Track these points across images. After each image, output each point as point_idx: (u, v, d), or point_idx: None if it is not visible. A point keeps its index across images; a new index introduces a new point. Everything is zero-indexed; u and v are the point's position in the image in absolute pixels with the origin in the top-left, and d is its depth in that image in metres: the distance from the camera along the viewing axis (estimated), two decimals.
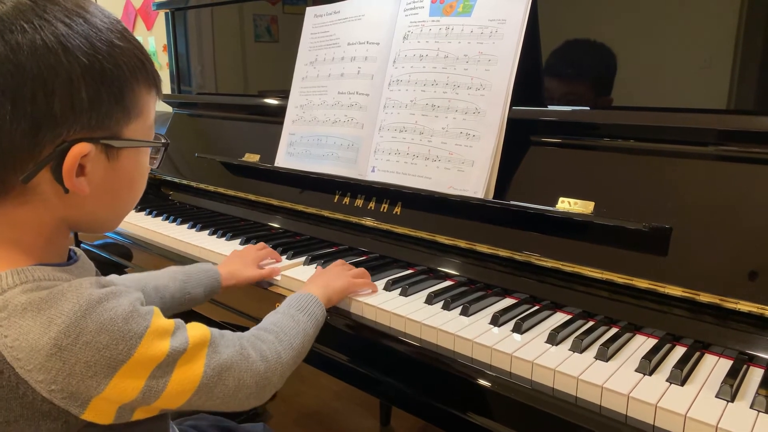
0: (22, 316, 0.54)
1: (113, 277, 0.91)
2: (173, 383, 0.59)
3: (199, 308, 1.23)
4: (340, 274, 0.97)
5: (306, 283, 0.96)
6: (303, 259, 1.14)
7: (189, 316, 1.36)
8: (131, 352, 0.56)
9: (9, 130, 0.54)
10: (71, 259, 0.65)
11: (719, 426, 0.62)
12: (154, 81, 0.64)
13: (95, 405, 0.57)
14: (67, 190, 0.58)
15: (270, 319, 0.79)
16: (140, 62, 0.61)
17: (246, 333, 0.73)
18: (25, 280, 0.56)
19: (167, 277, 0.96)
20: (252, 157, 1.49)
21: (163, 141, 0.68)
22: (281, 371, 0.72)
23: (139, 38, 3.02)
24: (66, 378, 0.54)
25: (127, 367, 0.56)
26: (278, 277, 1.08)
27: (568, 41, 1.05)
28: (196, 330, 0.64)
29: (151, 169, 0.69)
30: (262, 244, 1.19)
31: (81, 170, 0.58)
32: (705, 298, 0.80)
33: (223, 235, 1.33)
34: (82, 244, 1.65)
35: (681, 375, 0.70)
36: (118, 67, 0.58)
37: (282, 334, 0.75)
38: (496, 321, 0.86)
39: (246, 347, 0.68)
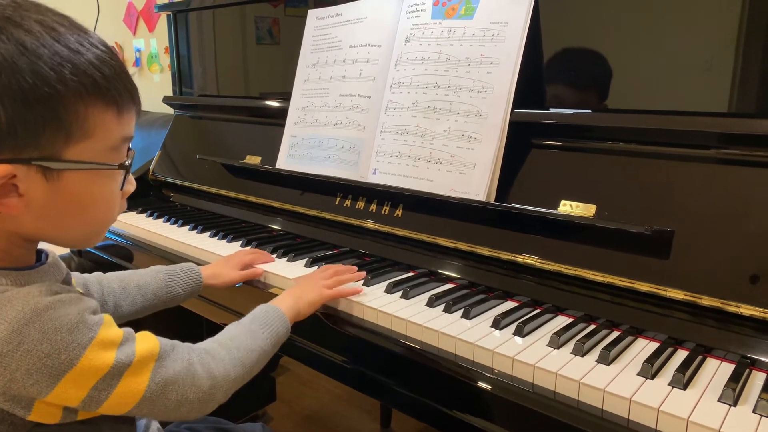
0: None
1: (97, 274, 0.93)
2: (116, 395, 0.59)
3: (200, 310, 1.23)
4: (314, 286, 0.94)
5: (282, 293, 0.93)
6: (304, 261, 1.14)
7: (190, 315, 1.36)
8: (74, 362, 0.56)
9: None
10: (39, 261, 0.65)
11: (722, 430, 0.62)
12: (115, 99, 0.59)
13: (39, 407, 0.58)
14: None
15: (229, 332, 0.77)
16: (92, 80, 0.57)
17: (199, 345, 0.71)
18: None
19: (150, 275, 0.97)
20: (253, 159, 1.49)
21: (117, 164, 0.62)
22: (226, 388, 0.71)
23: (141, 40, 3.02)
24: (7, 383, 0.55)
25: (70, 376, 0.56)
26: (271, 274, 1.09)
27: (569, 44, 1.05)
28: (145, 343, 0.64)
29: (153, 172, 0.69)
30: (251, 249, 1.19)
31: (15, 190, 0.56)
32: (707, 301, 0.80)
33: (224, 237, 1.33)
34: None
35: (683, 379, 0.70)
36: (50, 86, 0.54)
37: (235, 350, 0.73)
38: (497, 324, 0.86)
39: (194, 363, 0.67)
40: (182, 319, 1.30)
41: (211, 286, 1.06)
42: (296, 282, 0.98)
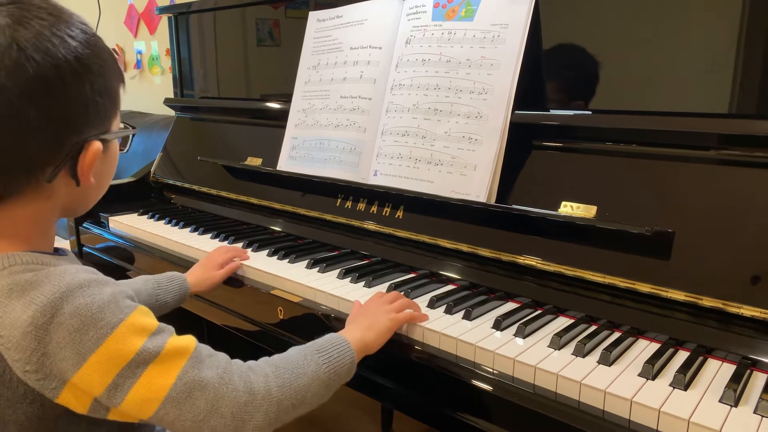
0: (8, 296, 0.58)
1: None
2: (139, 386, 0.58)
3: (201, 311, 1.23)
4: (381, 310, 0.86)
5: (348, 321, 0.87)
6: (305, 262, 1.14)
7: (193, 318, 1.36)
8: (100, 341, 0.57)
9: (36, 137, 0.58)
10: (58, 252, 0.68)
11: (723, 431, 0.62)
12: (122, 75, 0.70)
13: (68, 390, 0.58)
14: (78, 184, 0.63)
15: (284, 353, 0.73)
16: (116, 61, 0.67)
17: (245, 362, 0.68)
18: (13, 263, 0.59)
19: (141, 283, 1.00)
20: (254, 161, 1.49)
21: (134, 128, 0.77)
22: (267, 409, 0.64)
23: (142, 42, 3.03)
24: (40, 358, 0.56)
25: (95, 357, 0.57)
26: (271, 275, 1.09)
27: (570, 45, 1.05)
28: (181, 340, 0.63)
29: (154, 174, 0.74)
30: (227, 247, 1.22)
31: None
32: (708, 302, 0.80)
33: (225, 239, 1.33)
34: (84, 248, 1.65)
35: (684, 379, 0.70)
36: (109, 70, 0.65)
37: (283, 370, 0.69)
38: (498, 325, 0.86)
39: (232, 373, 0.64)
40: (183, 321, 1.30)
41: (198, 293, 1.09)
42: (359, 311, 0.89)
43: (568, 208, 0.95)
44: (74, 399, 0.59)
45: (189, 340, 0.63)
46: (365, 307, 0.89)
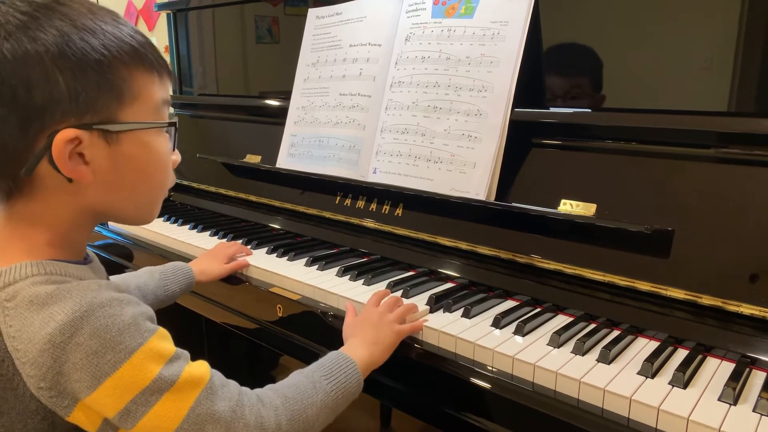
0: (28, 308, 0.56)
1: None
2: (152, 415, 0.57)
3: (199, 308, 1.23)
4: (385, 323, 0.84)
5: (349, 333, 0.85)
6: (304, 260, 1.14)
7: (192, 316, 1.36)
8: (117, 366, 0.55)
9: (1, 128, 0.55)
10: (86, 259, 0.66)
11: (722, 429, 0.62)
12: (153, 64, 0.64)
13: (80, 410, 0.57)
14: (69, 180, 0.59)
15: (290, 380, 0.72)
16: (131, 47, 0.61)
17: (253, 390, 0.67)
18: (36, 272, 0.58)
19: (146, 275, 0.99)
20: (253, 158, 1.49)
21: (168, 121, 0.66)
22: None
23: None
24: (55, 376, 0.55)
25: (110, 381, 0.55)
26: (269, 272, 1.09)
27: (569, 43, 1.05)
28: (196, 368, 0.61)
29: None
30: (232, 242, 1.23)
31: (81, 158, 0.59)
32: (707, 300, 0.80)
33: (224, 236, 1.33)
34: None
35: (683, 378, 0.70)
36: (98, 53, 0.58)
37: (293, 401, 0.67)
38: (497, 323, 0.86)
39: (243, 406, 0.62)
40: (181, 318, 1.30)
41: (200, 282, 1.09)
42: (360, 323, 0.86)
43: (568, 206, 0.95)
44: (85, 418, 0.58)
45: (204, 369, 0.62)
46: (367, 318, 0.86)
